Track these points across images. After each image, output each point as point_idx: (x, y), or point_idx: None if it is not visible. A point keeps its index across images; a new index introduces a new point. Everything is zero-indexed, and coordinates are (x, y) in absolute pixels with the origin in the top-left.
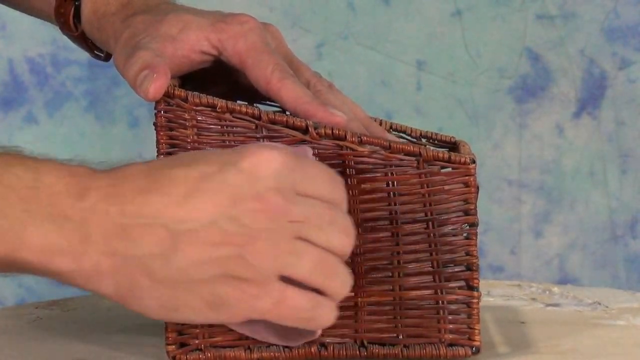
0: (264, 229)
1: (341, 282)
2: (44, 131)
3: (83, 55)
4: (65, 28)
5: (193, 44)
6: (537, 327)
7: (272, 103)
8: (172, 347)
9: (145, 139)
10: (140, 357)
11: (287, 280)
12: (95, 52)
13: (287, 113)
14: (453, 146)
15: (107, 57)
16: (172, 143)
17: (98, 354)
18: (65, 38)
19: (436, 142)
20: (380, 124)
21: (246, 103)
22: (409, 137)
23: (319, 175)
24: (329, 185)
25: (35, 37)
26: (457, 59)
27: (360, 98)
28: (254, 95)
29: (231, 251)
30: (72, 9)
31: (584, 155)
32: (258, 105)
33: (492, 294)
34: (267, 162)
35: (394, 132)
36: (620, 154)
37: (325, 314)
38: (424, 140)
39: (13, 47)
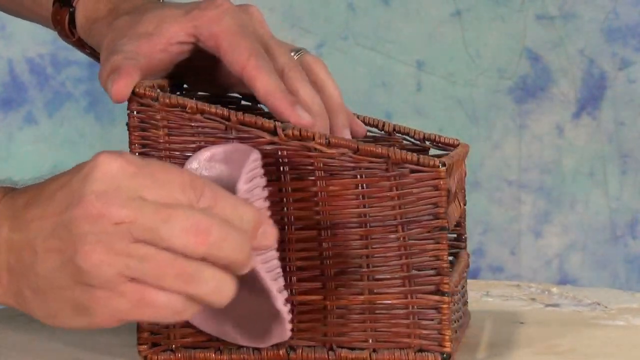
0: (87, 233)
1: (210, 289)
2: (43, 131)
3: (83, 55)
4: (62, 34)
5: (169, 37)
6: (537, 327)
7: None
8: (143, 347)
9: None
10: (139, 358)
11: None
12: (98, 57)
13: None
14: (454, 149)
15: None
16: (144, 143)
17: (97, 354)
18: None
19: (439, 144)
20: (383, 126)
21: (219, 105)
22: (412, 139)
23: (170, 180)
24: (180, 188)
25: (35, 37)
26: (457, 59)
27: (360, 98)
28: (232, 83)
29: (65, 258)
30: (67, 15)
31: (584, 155)
32: (238, 95)
33: (492, 294)
34: (101, 166)
35: (397, 134)
36: (620, 154)
37: (190, 310)
38: (427, 143)
39: (13, 47)
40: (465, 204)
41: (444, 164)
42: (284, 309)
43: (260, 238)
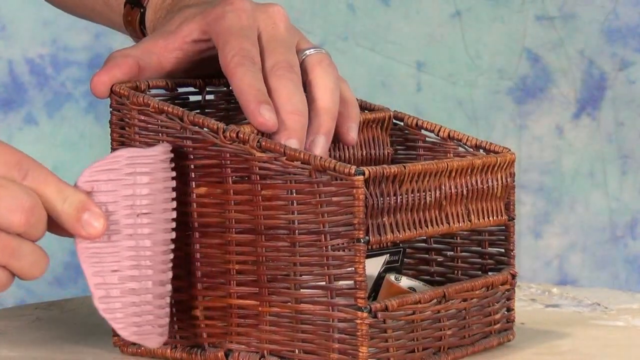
0: None
1: (29, 263)
2: (43, 132)
3: (83, 56)
4: (134, 36)
5: (185, 35)
6: (537, 327)
7: None
8: (116, 339)
9: None
10: (138, 358)
11: None
12: None
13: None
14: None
15: None
16: (122, 141)
17: (97, 354)
18: (64, 39)
19: (491, 152)
20: (439, 132)
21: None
22: (464, 146)
23: None
24: (5, 167)
25: (35, 38)
26: (457, 60)
27: (360, 99)
28: None
29: None
30: (138, 16)
31: (584, 156)
32: None
33: None
34: None
35: (450, 140)
36: (620, 154)
37: (8, 283)
38: (480, 151)
39: (13, 48)
40: (512, 219)
41: (361, 172)
42: (99, 306)
43: (84, 224)
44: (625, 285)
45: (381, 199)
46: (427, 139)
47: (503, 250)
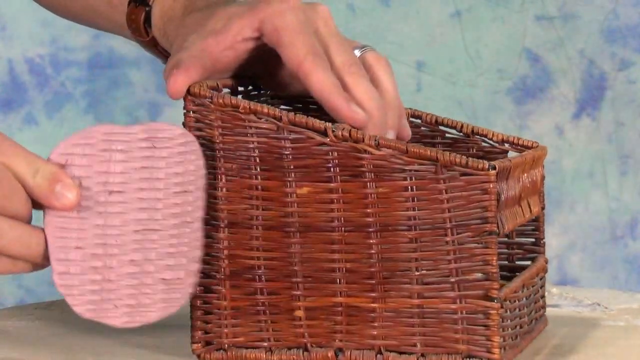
0: None
1: (12, 241)
2: (43, 132)
3: (82, 56)
4: (136, 34)
5: (235, 33)
6: None
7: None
8: (197, 346)
9: None
10: (138, 358)
11: None
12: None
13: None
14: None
15: None
16: (201, 143)
17: (97, 354)
18: (64, 39)
19: (518, 146)
20: (461, 128)
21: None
22: (490, 142)
23: None
24: None
25: (35, 38)
26: (457, 60)
27: None
28: (287, 84)
29: None
30: (143, 14)
31: (584, 156)
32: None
33: None
34: None
35: (476, 136)
36: (620, 155)
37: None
38: (506, 145)
39: (13, 48)
40: (543, 208)
41: (493, 168)
42: (57, 281)
43: (58, 195)
44: (625, 285)
45: (504, 191)
46: (446, 135)
47: (534, 239)
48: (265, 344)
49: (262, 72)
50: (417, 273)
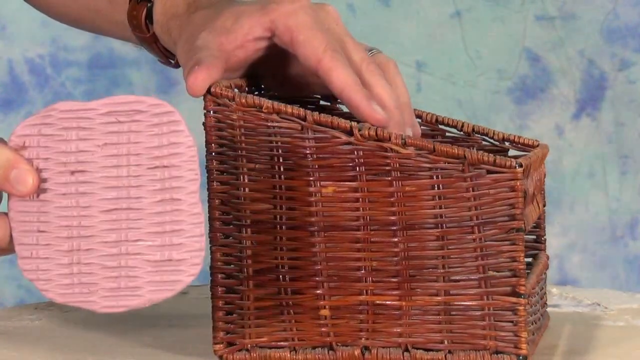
0: None
1: None
2: None
3: (82, 56)
4: (137, 30)
5: (246, 33)
6: None
7: (314, 97)
8: (219, 346)
9: None
10: (137, 358)
11: None
12: (168, 57)
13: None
14: (533, 150)
15: (178, 63)
16: (221, 143)
17: (97, 354)
18: (64, 39)
19: (519, 145)
20: (462, 127)
21: (297, 105)
22: (491, 140)
23: None
24: None
25: (35, 38)
26: (457, 60)
27: None
28: (307, 83)
29: None
30: (145, 10)
31: (584, 156)
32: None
33: None
34: None
35: (476, 135)
36: (620, 155)
37: None
38: (506, 144)
39: (13, 48)
40: (544, 205)
41: (520, 165)
42: (23, 267)
43: (13, 182)
44: (625, 285)
45: (529, 188)
46: (446, 134)
47: (535, 236)
48: (289, 343)
49: (264, 72)
50: (442, 270)
